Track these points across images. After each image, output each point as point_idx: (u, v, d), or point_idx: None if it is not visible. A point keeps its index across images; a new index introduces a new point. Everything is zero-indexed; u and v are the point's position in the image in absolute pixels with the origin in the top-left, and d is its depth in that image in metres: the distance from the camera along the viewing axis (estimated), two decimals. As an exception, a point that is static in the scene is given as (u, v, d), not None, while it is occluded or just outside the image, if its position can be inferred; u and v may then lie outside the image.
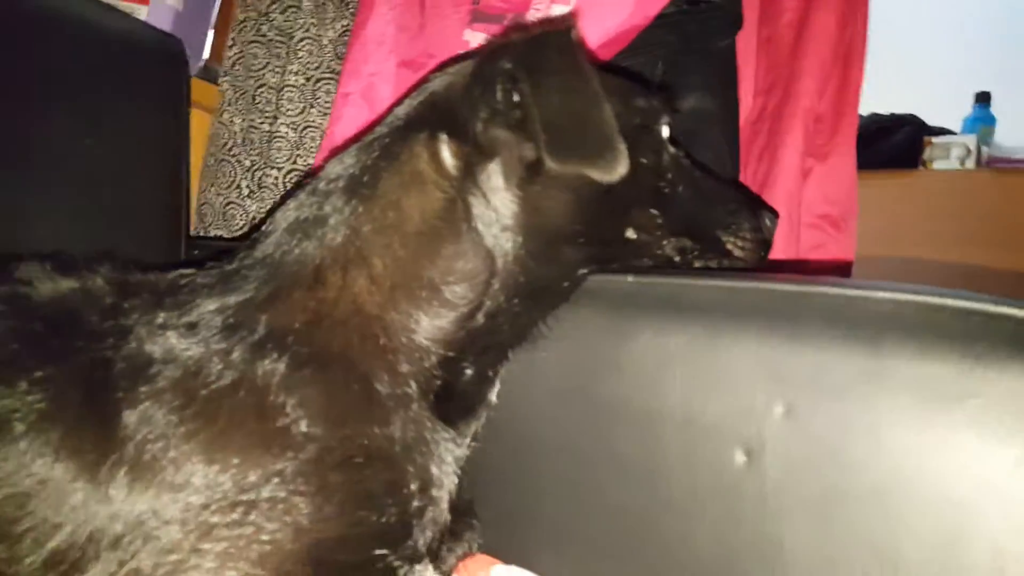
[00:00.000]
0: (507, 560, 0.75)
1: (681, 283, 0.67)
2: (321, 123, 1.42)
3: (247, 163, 1.47)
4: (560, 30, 0.68)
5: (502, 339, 0.72)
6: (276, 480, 0.56)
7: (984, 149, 2.47)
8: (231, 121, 1.50)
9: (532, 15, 1.12)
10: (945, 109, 2.66)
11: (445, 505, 0.66)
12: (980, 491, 0.49)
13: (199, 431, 0.57)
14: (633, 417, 0.66)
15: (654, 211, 0.74)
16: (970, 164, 2.45)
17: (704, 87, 1.24)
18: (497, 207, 0.68)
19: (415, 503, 0.63)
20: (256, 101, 1.48)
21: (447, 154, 0.68)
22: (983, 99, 2.58)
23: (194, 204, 1.47)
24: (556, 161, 0.63)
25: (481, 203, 0.68)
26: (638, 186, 0.72)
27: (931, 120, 2.66)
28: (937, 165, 2.51)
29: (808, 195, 1.34)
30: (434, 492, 0.65)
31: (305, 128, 1.45)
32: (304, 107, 1.45)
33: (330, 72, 1.45)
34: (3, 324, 0.61)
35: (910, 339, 0.53)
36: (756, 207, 0.84)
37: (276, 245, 0.70)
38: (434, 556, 0.68)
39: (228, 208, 1.44)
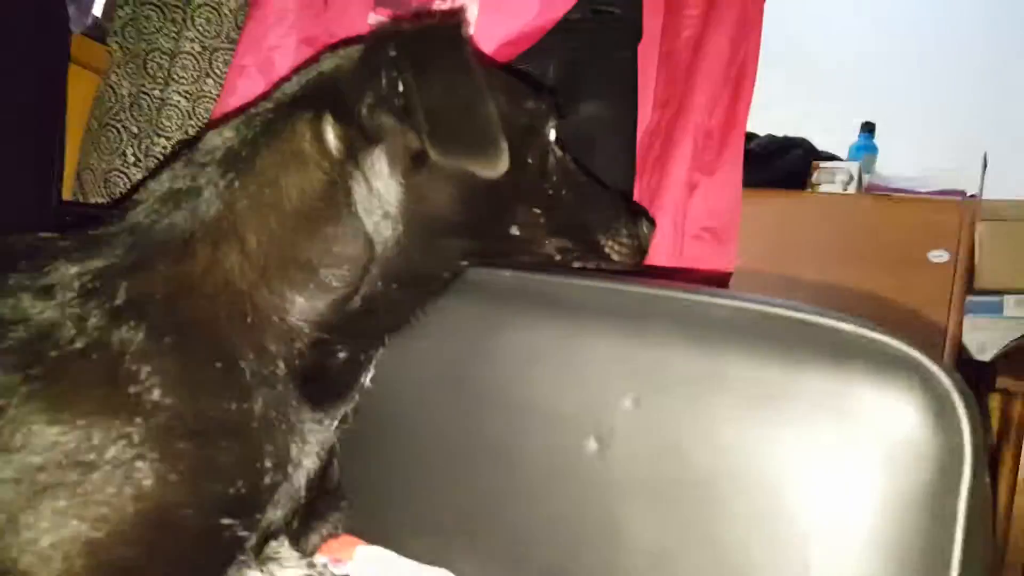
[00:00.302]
0: (373, 541, 0.76)
1: (554, 281, 0.70)
2: (216, 94, 1.39)
3: (134, 130, 1.42)
4: (450, 24, 0.70)
5: (378, 324, 0.73)
6: (122, 443, 0.56)
7: (866, 176, 2.65)
8: (119, 84, 1.44)
9: (437, 5, 1.14)
10: (833, 136, 2.83)
11: (302, 483, 0.67)
12: (792, 479, 0.54)
13: (44, 393, 0.56)
14: (502, 406, 0.68)
15: (537, 210, 0.77)
16: (852, 189, 2.61)
17: (603, 95, 1.28)
18: (380, 193, 0.68)
19: (268, 479, 0.63)
20: (147, 66, 1.43)
21: (331, 135, 0.69)
22: (868, 129, 2.76)
23: (73, 170, 1.41)
24: (438, 153, 0.65)
25: (363, 188, 0.68)
26: (523, 184, 0.75)
27: (820, 145, 2.83)
28: (823, 188, 2.67)
29: (693, 208, 1.41)
30: (290, 470, 0.66)
31: (200, 98, 1.41)
32: (199, 76, 1.41)
33: (228, 42, 1.42)
34: None
35: (742, 343, 0.58)
36: (636, 214, 0.88)
37: (146, 213, 0.68)
38: (293, 535, 0.68)
39: (111, 175, 1.39)
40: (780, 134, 2.88)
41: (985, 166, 2.38)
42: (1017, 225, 2.33)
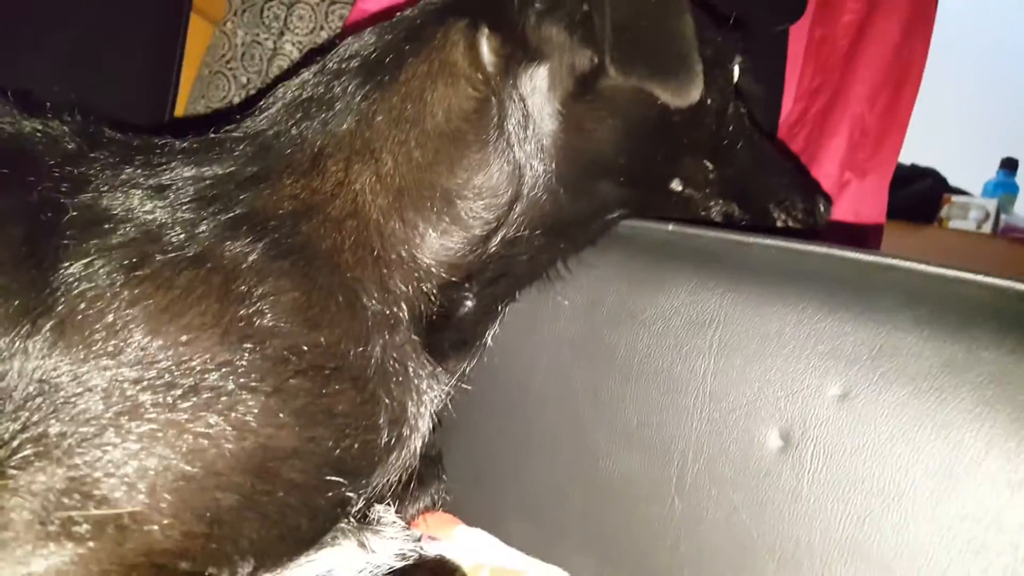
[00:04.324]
0: (471, 523, 0.66)
1: (731, 238, 0.58)
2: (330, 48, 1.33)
3: (243, 79, 1.37)
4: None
5: (515, 273, 0.63)
6: (226, 370, 0.47)
7: (1003, 216, 2.42)
8: (234, 32, 1.39)
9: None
10: (968, 169, 2.61)
11: (417, 447, 0.57)
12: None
13: (146, 298, 0.48)
14: (651, 380, 0.56)
15: (708, 163, 0.66)
16: (986, 228, 2.40)
17: (755, 70, 1.16)
18: (535, 120, 0.59)
19: (383, 438, 0.54)
20: (264, 15, 1.38)
21: (487, 48, 0.59)
22: (1009, 166, 2.53)
23: (180, 113, 1.37)
24: (621, 71, 0.54)
25: (518, 112, 0.59)
26: (697, 129, 0.64)
27: (952, 178, 2.62)
28: (953, 224, 2.46)
29: (840, 210, 1.27)
30: (405, 431, 0.56)
31: (312, 50, 1.35)
32: (314, 27, 1.35)
33: (346, -5, 1.35)
34: None
35: (1007, 331, 0.44)
36: (811, 188, 0.75)
37: (271, 122, 0.61)
38: (398, 500, 0.58)
39: (216, 125, 1.35)
40: (907, 162, 2.67)
41: None
42: None
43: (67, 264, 0.49)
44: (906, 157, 2.60)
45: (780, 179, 0.72)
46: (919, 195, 2.56)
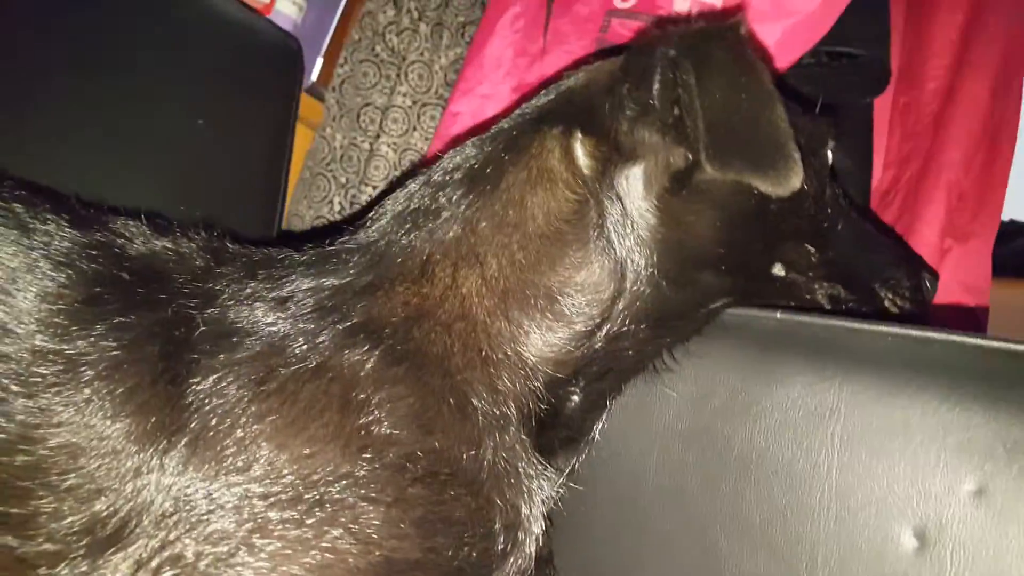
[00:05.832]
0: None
1: (842, 326, 0.57)
2: (422, 147, 1.40)
3: (343, 180, 1.45)
4: (728, 24, 0.61)
5: (620, 367, 0.63)
6: (347, 482, 0.49)
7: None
8: (333, 136, 1.49)
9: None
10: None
11: (532, 551, 0.57)
12: None
13: (272, 412, 0.50)
14: (772, 476, 0.55)
15: (810, 247, 0.65)
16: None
17: (841, 145, 1.15)
18: (633, 216, 0.60)
19: (499, 544, 0.54)
20: (360, 119, 1.47)
21: (581, 153, 0.62)
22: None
23: (285, 215, 1.45)
24: (717, 166, 0.55)
25: (616, 210, 0.60)
26: (796, 215, 0.64)
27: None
28: (1060, 280, 2.33)
29: (944, 278, 1.22)
30: (520, 535, 0.56)
31: (406, 151, 1.42)
32: (408, 129, 1.43)
33: (437, 97, 1.43)
34: (91, 268, 0.56)
35: None
36: (916, 264, 0.74)
37: (382, 233, 0.64)
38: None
39: (317, 223, 1.41)
40: (1005, 218, 2.55)
41: None
42: None
43: (198, 380, 0.51)
44: (1004, 214, 2.50)
45: (883, 257, 0.71)
46: (1021, 251, 2.44)
